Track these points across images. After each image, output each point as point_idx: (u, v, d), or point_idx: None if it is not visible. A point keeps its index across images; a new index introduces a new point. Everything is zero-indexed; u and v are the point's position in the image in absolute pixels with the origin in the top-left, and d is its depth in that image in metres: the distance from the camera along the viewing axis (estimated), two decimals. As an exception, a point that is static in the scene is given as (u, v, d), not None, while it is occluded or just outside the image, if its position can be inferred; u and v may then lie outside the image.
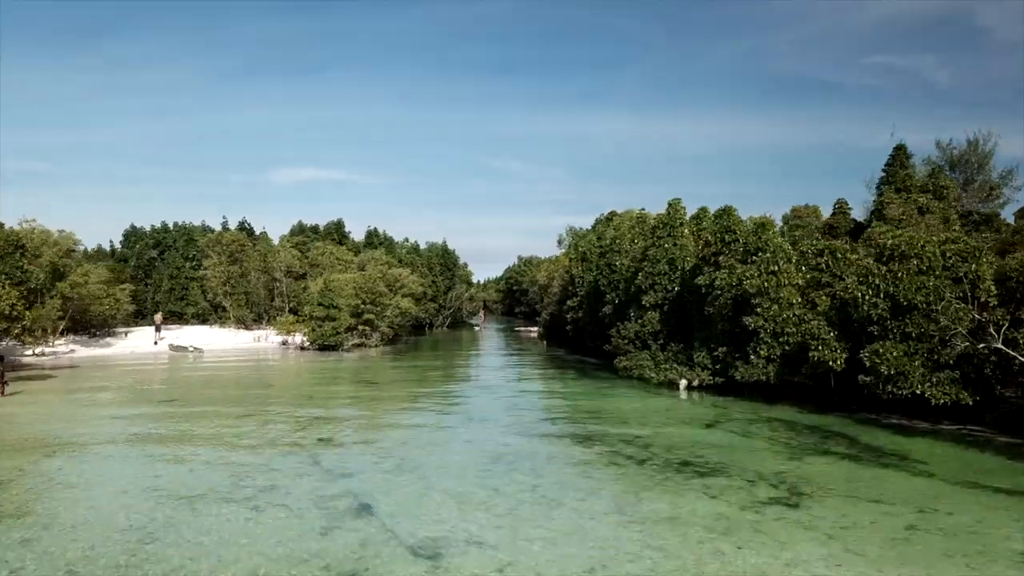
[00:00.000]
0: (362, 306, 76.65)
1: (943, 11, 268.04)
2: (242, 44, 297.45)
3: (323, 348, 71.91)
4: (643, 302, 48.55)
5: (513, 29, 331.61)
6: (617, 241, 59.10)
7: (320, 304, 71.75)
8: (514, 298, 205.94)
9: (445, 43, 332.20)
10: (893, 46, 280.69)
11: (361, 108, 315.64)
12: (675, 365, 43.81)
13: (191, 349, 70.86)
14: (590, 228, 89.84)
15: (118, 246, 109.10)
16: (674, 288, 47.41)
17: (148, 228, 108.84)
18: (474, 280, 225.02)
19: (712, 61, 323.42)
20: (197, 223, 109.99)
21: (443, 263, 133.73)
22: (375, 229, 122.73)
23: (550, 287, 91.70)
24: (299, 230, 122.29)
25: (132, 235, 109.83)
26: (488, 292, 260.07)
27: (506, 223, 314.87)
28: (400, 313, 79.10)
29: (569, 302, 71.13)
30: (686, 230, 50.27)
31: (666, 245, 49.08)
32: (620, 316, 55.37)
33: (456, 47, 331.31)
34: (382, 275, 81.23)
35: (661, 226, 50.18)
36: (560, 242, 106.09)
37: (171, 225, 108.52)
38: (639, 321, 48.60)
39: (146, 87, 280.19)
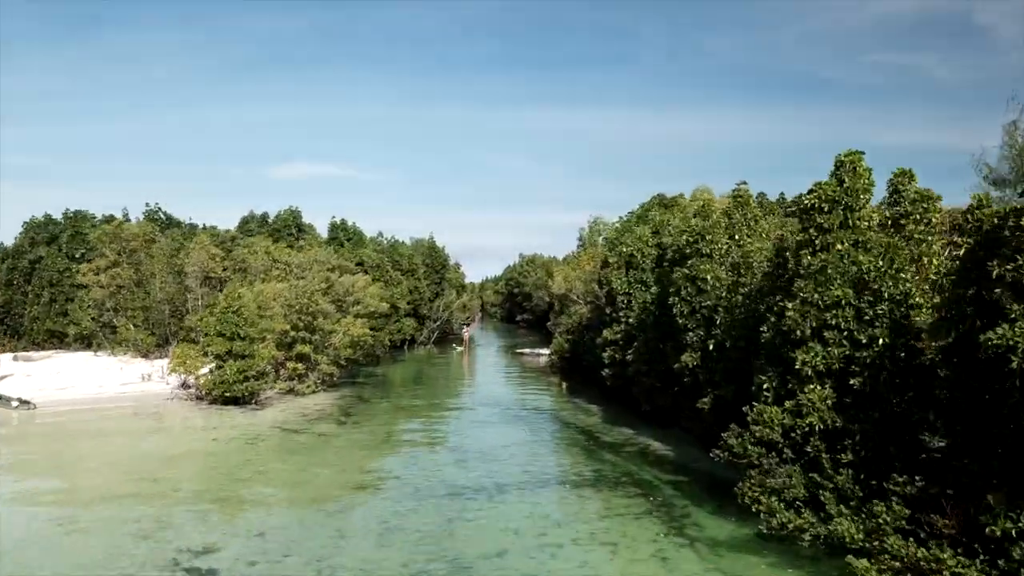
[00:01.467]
0: (293, 333, 51.28)
1: (942, 9, 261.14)
2: (242, 40, 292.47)
3: (230, 400, 46.47)
4: (796, 363, 23.16)
5: (514, 25, 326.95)
6: (707, 238, 33.66)
7: (220, 333, 46.25)
8: (515, 302, 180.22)
9: (445, 40, 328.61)
10: (893, 44, 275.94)
11: (360, 104, 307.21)
12: (928, 539, 18.18)
13: (15, 403, 45.44)
14: (627, 217, 64.34)
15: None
16: (880, 340, 22.03)
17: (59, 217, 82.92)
18: (469, 281, 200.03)
19: (712, 58, 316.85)
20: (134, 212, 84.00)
21: (429, 264, 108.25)
22: (342, 221, 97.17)
23: (569, 300, 66.29)
24: (246, 222, 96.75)
25: (32, 228, 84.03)
26: (486, 293, 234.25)
27: (504, 219, 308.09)
28: (351, 343, 53.54)
29: (607, 332, 45.62)
30: (875, 217, 24.97)
31: (840, 245, 23.80)
32: (721, 374, 30.14)
33: (456, 43, 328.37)
34: (326, 285, 55.71)
35: (823, 205, 24.74)
36: (582, 240, 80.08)
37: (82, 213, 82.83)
38: (790, 403, 23.26)
39: (146, 82, 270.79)
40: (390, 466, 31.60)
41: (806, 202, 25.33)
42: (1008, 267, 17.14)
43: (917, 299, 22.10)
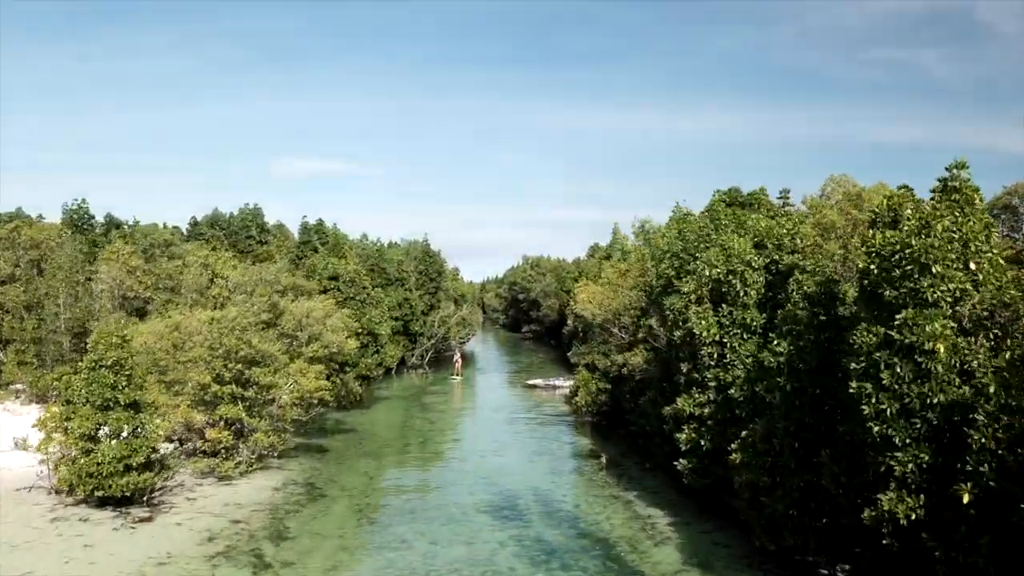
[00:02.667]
0: (216, 388, 35.33)
1: (943, 6, 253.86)
2: (243, 35, 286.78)
3: (108, 501, 30.56)
4: None
5: (513, 22, 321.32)
6: (933, 270, 17.48)
7: (87, 399, 30.23)
8: (520, 309, 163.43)
9: (444, 36, 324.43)
10: (893, 40, 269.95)
11: (360, 100, 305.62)
12: None
13: None
14: (674, 217, 48.25)
15: None
16: None
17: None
18: (468, 280, 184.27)
19: (711, 54, 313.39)
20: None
21: (423, 271, 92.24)
22: (318, 222, 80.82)
23: (603, 330, 50.01)
24: (195, 223, 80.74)
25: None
26: (487, 295, 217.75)
27: (504, 216, 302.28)
28: (300, 399, 37.49)
29: (683, 401, 29.41)
30: None
31: None
32: (991, 555, 14.37)
33: (456, 40, 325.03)
34: (270, 315, 39.72)
35: None
36: (624, 251, 62.63)
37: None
38: None
39: (145, 78, 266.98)
40: None
41: None
42: None
43: None
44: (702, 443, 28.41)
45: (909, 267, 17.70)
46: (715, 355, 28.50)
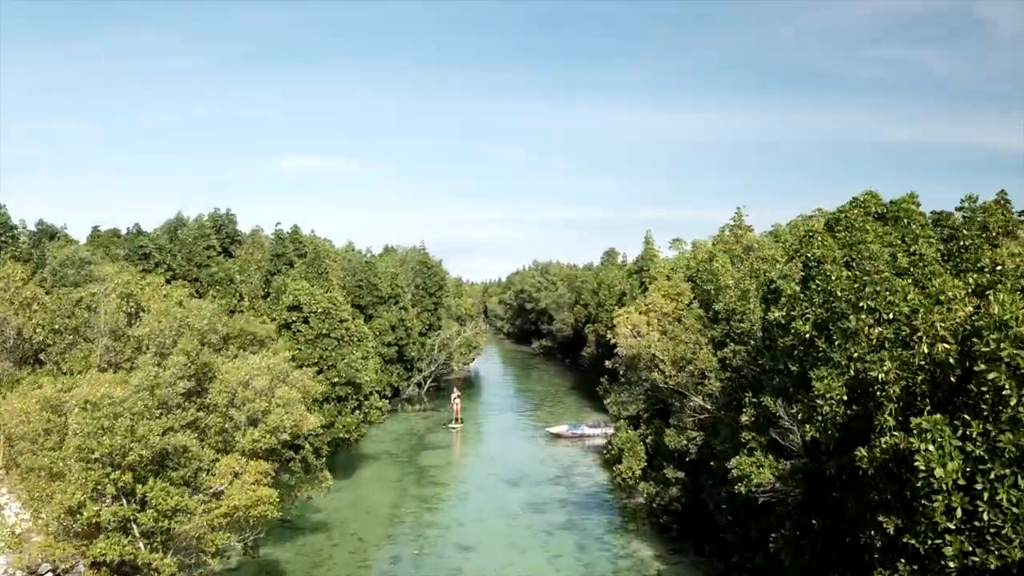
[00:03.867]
0: (91, 511, 22.24)
1: (943, 4, 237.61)
2: (242, 34, 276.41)
3: None
4: None
5: (513, 19, 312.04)
6: None
7: None
8: (528, 320, 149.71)
9: (445, 33, 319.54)
10: (894, 38, 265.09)
11: (360, 98, 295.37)
12: None
13: None
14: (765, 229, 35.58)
15: None
16: None
17: None
18: (467, 280, 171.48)
19: (713, 53, 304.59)
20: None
21: (420, 284, 79.12)
22: (293, 229, 67.19)
23: (642, 361, 37.14)
24: (136, 234, 67.55)
25: None
26: (491, 300, 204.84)
27: (506, 214, 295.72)
28: (229, 516, 24.16)
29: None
30: None
31: None
32: None
33: (456, 37, 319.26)
34: (191, 384, 26.43)
35: None
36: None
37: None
38: None
39: (145, 75, 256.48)
40: None
41: None
42: None
43: None
44: None
45: None
46: (956, 510, 15.37)
